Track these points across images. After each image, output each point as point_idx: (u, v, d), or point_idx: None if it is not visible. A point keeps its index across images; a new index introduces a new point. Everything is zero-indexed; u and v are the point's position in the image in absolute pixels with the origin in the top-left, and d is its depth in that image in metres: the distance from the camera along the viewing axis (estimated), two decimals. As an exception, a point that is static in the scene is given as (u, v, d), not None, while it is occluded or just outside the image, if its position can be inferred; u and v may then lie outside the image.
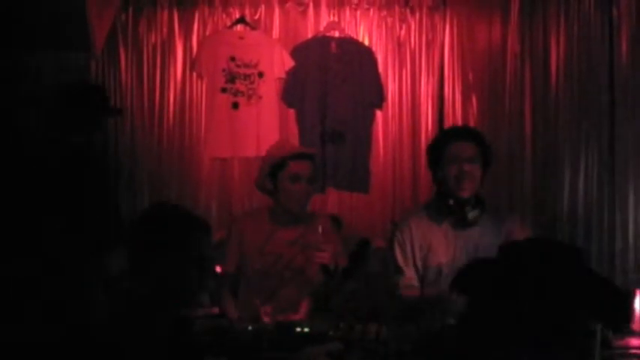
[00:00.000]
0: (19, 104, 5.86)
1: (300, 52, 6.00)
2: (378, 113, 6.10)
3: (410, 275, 4.19)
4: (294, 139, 5.89)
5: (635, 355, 3.44)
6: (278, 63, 5.95)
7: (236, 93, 5.92)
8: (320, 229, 4.17)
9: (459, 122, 6.05)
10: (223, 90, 5.94)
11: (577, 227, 5.85)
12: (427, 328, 3.50)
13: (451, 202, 4.13)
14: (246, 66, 5.93)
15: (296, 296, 4.42)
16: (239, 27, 6.03)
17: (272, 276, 4.48)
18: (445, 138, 4.27)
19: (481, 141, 4.20)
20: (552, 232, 5.83)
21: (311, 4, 6.15)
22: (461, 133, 4.33)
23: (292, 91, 5.99)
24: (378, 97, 6.03)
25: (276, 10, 6.16)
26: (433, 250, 4.16)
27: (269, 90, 5.97)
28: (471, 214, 4.13)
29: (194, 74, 6.09)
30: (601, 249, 5.79)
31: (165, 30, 6.13)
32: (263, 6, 6.13)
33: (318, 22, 6.13)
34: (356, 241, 4.39)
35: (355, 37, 6.11)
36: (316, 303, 4.33)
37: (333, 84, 5.97)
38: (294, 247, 4.50)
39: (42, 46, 5.74)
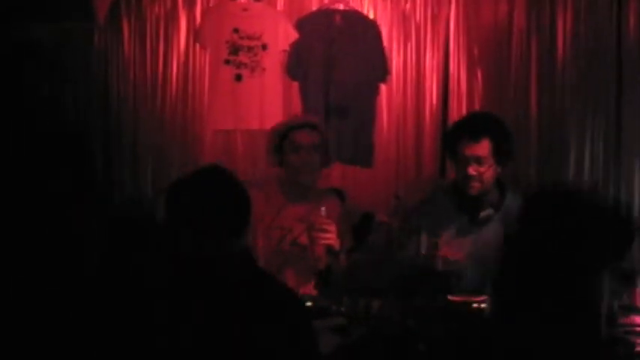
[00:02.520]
0: (22, 78, 5.85)
1: (304, 24, 5.95)
2: (383, 87, 6.05)
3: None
4: (298, 112, 5.85)
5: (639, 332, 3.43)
6: (282, 35, 5.90)
7: (239, 65, 5.88)
8: (323, 211, 4.17)
9: (464, 97, 6.01)
10: (227, 62, 5.89)
11: (582, 203, 5.81)
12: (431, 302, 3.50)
13: (462, 198, 4.06)
14: (250, 38, 5.88)
15: (301, 274, 4.39)
16: (243, -2, 5.99)
17: (278, 252, 4.44)
18: (456, 134, 4.10)
19: (498, 136, 4.02)
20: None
21: (315, -23, 6.10)
22: (473, 130, 4.04)
23: (296, 63, 5.95)
24: (382, 71, 5.98)
25: (281, -18, 6.12)
26: (443, 244, 4.02)
27: (273, 62, 5.92)
28: (483, 214, 4.06)
29: (197, 46, 6.05)
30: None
31: (168, 1, 6.09)
32: (267, -23, 6.08)
33: (323, -5, 6.08)
34: (359, 215, 4.39)
35: (360, 10, 6.05)
36: (320, 282, 4.27)
37: (337, 57, 5.92)
38: (303, 224, 4.42)
39: (45, 17, 5.72)
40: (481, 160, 3.93)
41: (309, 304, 3.68)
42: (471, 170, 3.92)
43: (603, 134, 5.83)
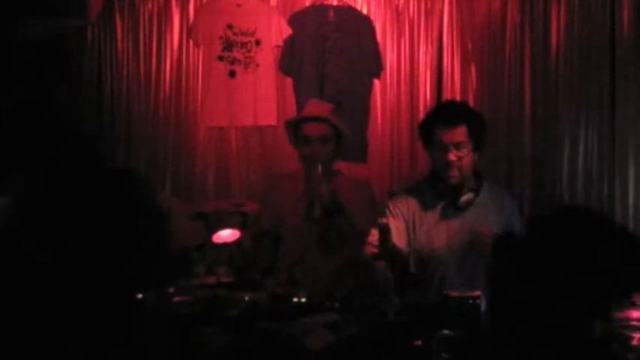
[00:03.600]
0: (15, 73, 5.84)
1: (297, 20, 5.95)
2: (376, 82, 6.05)
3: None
4: (292, 108, 5.85)
5: (635, 327, 3.42)
6: (275, 31, 5.89)
7: (233, 61, 5.88)
8: (320, 168, 4.29)
9: (458, 92, 6.02)
10: (220, 58, 5.89)
11: (576, 198, 5.83)
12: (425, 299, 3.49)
13: (441, 186, 4.07)
14: (244, 34, 5.87)
15: (324, 259, 4.44)
16: (236, -6, 5.98)
17: (303, 239, 4.50)
18: (432, 121, 4.07)
19: (472, 122, 4.01)
20: (551, 203, 5.82)
21: (308, -28, 6.09)
22: (449, 116, 4.02)
23: (290, 59, 5.95)
24: (376, 66, 5.98)
25: (274, -22, 6.11)
26: (427, 232, 4.06)
27: (266, 58, 5.92)
28: (463, 199, 4.04)
29: (191, 42, 6.04)
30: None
31: (161, -3, 6.09)
32: (260, -27, 6.07)
33: (316, -10, 6.07)
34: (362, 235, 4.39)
35: (353, 5, 6.05)
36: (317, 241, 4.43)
37: (331, 52, 5.91)
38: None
39: (37, 14, 5.70)
40: (459, 146, 3.92)
41: (303, 300, 3.68)
42: (451, 156, 3.91)
43: (597, 129, 5.85)
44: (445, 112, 4.10)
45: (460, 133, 3.93)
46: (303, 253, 4.49)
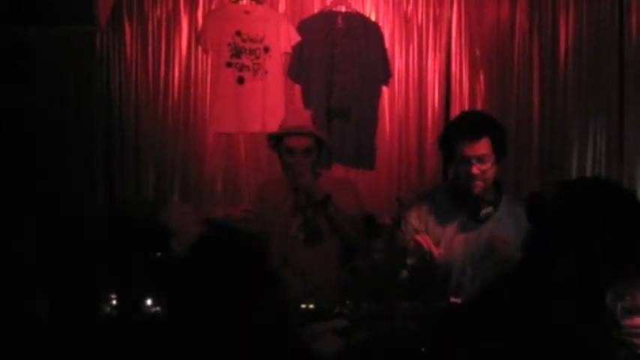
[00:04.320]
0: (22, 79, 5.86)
1: (306, 26, 5.95)
2: (384, 89, 6.05)
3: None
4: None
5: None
6: (284, 38, 5.89)
7: (241, 68, 5.87)
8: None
9: (466, 99, 6.02)
10: (229, 65, 5.88)
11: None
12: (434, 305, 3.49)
13: (461, 199, 4.05)
14: (252, 40, 5.87)
15: (310, 260, 4.51)
16: (245, 1, 5.96)
17: (289, 238, 4.58)
18: (454, 136, 4.01)
19: (494, 133, 3.96)
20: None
21: (317, -21, 6.09)
22: (472, 130, 3.96)
23: (298, 66, 5.94)
24: (384, 73, 5.97)
25: (282, -16, 6.11)
26: (444, 244, 4.04)
27: (275, 65, 5.91)
28: (484, 212, 4.04)
29: (199, 49, 6.05)
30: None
31: (170, 4, 6.09)
32: (269, -20, 6.08)
33: (325, -3, 6.08)
34: (356, 223, 4.41)
35: (362, 12, 6.04)
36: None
37: (339, 59, 5.91)
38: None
39: (47, 20, 5.72)
40: (483, 159, 3.89)
41: (311, 306, 3.68)
42: (475, 170, 3.88)
43: (606, 134, 5.84)
44: (468, 126, 4.03)
45: (483, 146, 3.90)
46: (289, 252, 4.54)
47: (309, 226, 4.56)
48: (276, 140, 4.67)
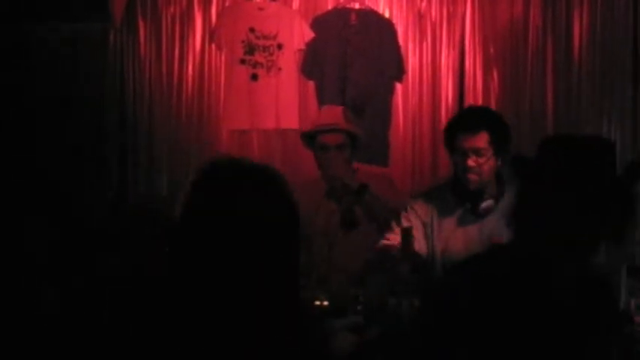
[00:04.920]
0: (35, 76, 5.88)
1: (319, 23, 5.95)
2: (398, 86, 6.05)
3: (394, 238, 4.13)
4: (314, 112, 5.86)
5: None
6: (298, 35, 5.89)
7: (255, 65, 5.88)
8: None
9: (480, 96, 6.00)
10: (242, 62, 5.89)
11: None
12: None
13: (461, 192, 4.06)
14: (266, 37, 5.88)
15: (348, 257, 4.50)
16: (258, -2, 5.99)
17: (328, 234, 4.60)
18: (454, 126, 4.04)
19: (495, 128, 3.97)
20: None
21: (331, -24, 6.09)
22: (470, 122, 4.00)
23: (312, 63, 5.95)
24: (398, 70, 5.97)
25: (296, -18, 6.12)
26: (445, 237, 4.08)
27: (288, 62, 5.92)
28: (483, 206, 4.02)
29: (213, 46, 6.06)
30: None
31: (184, 1, 6.11)
32: (283, -23, 6.08)
33: (338, -6, 6.08)
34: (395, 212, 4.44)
35: (375, 8, 6.04)
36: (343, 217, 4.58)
37: (353, 56, 5.91)
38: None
39: (62, 17, 5.74)
40: (480, 152, 3.90)
41: (325, 303, 3.68)
42: (470, 162, 3.90)
43: (620, 132, 5.82)
44: (466, 118, 4.10)
45: (481, 139, 3.91)
46: (329, 248, 4.57)
47: (346, 215, 4.60)
48: (310, 138, 4.70)
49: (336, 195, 4.63)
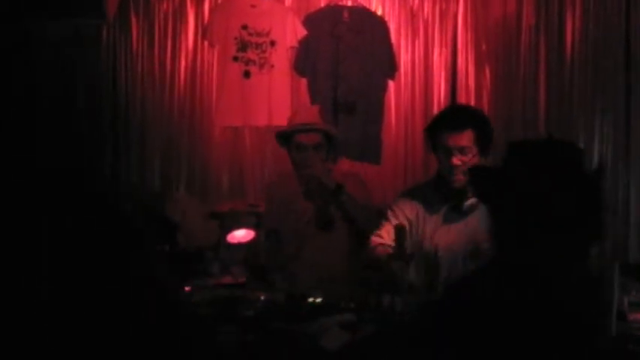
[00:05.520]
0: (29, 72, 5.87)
1: (312, 21, 5.95)
2: (391, 83, 6.05)
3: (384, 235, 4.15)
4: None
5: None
6: (290, 32, 5.89)
7: (248, 62, 5.88)
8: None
9: (472, 94, 6.02)
10: (235, 59, 5.89)
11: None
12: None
13: (445, 190, 4.06)
14: (258, 34, 5.88)
15: (319, 255, 4.54)
16: (251, -5, 5.98)
17: (298, 232, 4.64)
18: (437, 125, 4.04)
19: (479, 126, 3.97)
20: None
21: (323, -27, 6.09)
22: (455, 121, 4.00)
23: (304, 60, 5.95)
24: (390, 67, 5.98)
25: (289, -21, 6.11)
26: (430, 235, 4.08)
27: (281, 59, 5.92)
28: (467, 203, 4.04)
29: (205, 42, 6.05)
30: (615, 223, 5.75)
31: (176, -3, 6.11)
32: (275, -26, 6.08)
33: (331, -9, 6.08)
34: (370, 211, 4.44)
35: (368, 6, 6.05)
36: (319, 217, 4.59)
37: (345, 53, 5.91)
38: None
39: (54, 13, 5.73)
40: (465, 150, 3.91)
41: (319, 300, 3.69)
42: (455, 160, 3.91)
43: (612, 130, 5.82)
44: (451, 116, 4.08)
45: (466, 137, 3.92)
46: (301, 243, 4.61)
47: (321, 213, 4.61)
48: (284, 138, 4.71)
49: (312, 195, 4.63)
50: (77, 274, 2.43)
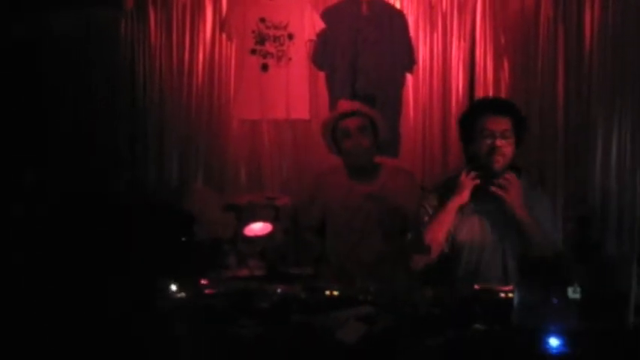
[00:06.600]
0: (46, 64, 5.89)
1: (330, 13, 5.94)
2: (409, 77, 6.04)
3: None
4: (324, 102, 5.87)
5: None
6: (308, 25, 5.89)
7: (265, 55, 5.88)
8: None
9: (490, 87, 5.99)
10: (253, 51, 5.89)
11: (609, 195, 5.79)
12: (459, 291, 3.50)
13: (480, 174, 4.07)
14: (276, 27, 5.88)
15: (375, 250, 4.63)
16: (269, -12, 5.98)
17: (352, 230, 4.73)
18: (478, 110, 4.13)
19: (515, 114, 4.08)
20: (583, 197, 5.79)
21: (342, -34, 6.08)
22: (494, 106, 4.16)
23: (322, 53, 5.94)
24: (408, 61, 5.96)
25: (307, -28, 6.10)
26: (460, 224, 4.10)
27: (299, 52, 5.91)
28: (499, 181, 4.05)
29: (223, 35, 6.05)
30: (634, 217, 5.73)
31: (195, -11, 6.11)
32: (294, -33, 6.07)
33: (349, -16, 6.06)
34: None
35: (386, -1, 6.04)
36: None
37: (364, 46, 5.89)
38: (371, 200, 4.74)
39: (73, 4, 5.75)
40: (505, 135, 3.99)
41: (336, 292, 3.69)
42: (498, 142, 3.96)
43: (631, 124, 5.78)
44: (494, 102, 4.31)
45: (507, 122, 4.02)
46: (355, 243, 4.70)
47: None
48: (332, 132, 4.81)
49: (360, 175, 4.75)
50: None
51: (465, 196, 4.04)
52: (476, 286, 3.69)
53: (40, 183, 5.35)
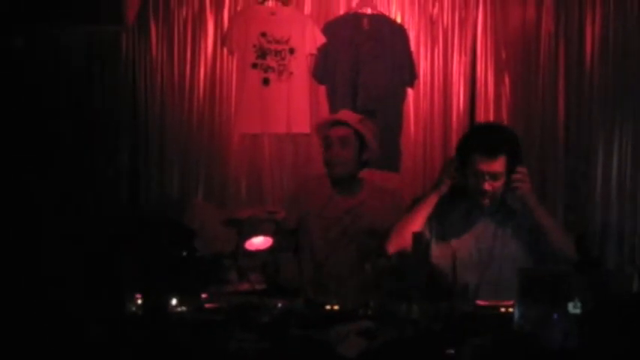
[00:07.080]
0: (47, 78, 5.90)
1: (331, 28, 5.95)
2: (410, 91, 6.05)
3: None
4: (325, 116, 5.86)
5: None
6: (309, 39, 5.90)
7: (267, 69, 5.89)
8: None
9: (491, 102, 6.01)
10: (254, 66, 5.90)
11: (610, 208, 5.79)
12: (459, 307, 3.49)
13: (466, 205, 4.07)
14: (278, 42, 5.88)
15: (347, 264, 4.51)
16: (270, 2, 5.98)
17: (327, 241, 4.63)
18: (472, 148, 3.98)
19: (511, 150, 3.95)
20: (584, 213, 5.79)
21: (343, -20, 6.09)
22: (490, 147, 3.92)
23: (323, 67, 5.95)
24: (409, 75, 5.97)
25: (308, -14, 6.11)
26: (455, 240, 4.09)
27: (300, 66, 5.92)
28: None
29: (225, 50, 6.06)
30: (634, 231, 5.73)
31: (196, 4, 6.12)
32: (295, -18, 6.08)
33: (350, -1, 6.07)
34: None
35: (387, 14, 6.05)
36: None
37: (365, 61, 5.90)
38: (349, 215, 4.64)
39: (75, 19, 5.75)
40: (497, 176, 3.89)
41: (336, 307, 3.68)
42: (487, 186, 3.88)
43: (632, 138, 5.80)
44: (486, 142, 3.98)
45: (499, 164, 3.90)
46: (328, 254, 4.60)
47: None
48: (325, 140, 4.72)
49: (342, 188, 4.68)
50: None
51: (443, 189, 4.04)
52: (478, 302, 3.69)
53: (41, 194, 5.35)
